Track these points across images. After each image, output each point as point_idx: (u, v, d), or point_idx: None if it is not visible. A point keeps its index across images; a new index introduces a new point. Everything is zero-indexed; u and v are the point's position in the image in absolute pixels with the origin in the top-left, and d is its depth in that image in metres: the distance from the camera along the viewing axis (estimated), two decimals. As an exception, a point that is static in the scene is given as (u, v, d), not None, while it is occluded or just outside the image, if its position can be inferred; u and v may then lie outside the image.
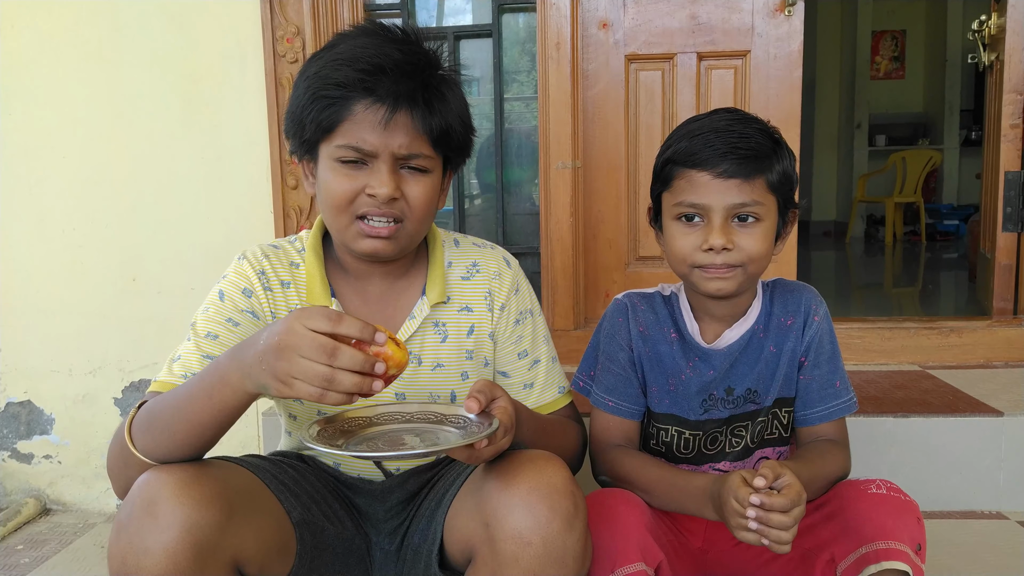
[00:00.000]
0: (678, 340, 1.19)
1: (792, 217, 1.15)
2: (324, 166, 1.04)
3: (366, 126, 1.00)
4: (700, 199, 1.08)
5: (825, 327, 1.18)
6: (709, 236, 1.07)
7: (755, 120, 1.11)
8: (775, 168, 1.08)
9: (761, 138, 1.08)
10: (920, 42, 7.52)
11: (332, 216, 1.06)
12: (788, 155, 1.11)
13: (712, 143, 1.07)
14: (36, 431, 2.16)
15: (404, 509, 1.15)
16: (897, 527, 0.98)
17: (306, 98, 1.01)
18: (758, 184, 1.07)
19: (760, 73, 2.09)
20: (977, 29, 2.33)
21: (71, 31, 2.03)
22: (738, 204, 1.06)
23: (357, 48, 1.01)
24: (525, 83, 2.28)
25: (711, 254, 1.07)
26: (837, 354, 1.19)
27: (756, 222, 1.08)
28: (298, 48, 1.98)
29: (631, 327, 1.20)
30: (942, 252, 5.76)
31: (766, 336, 1.17)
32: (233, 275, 1.11)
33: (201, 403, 0.89)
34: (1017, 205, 2.14)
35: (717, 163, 1.06)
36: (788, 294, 1.19)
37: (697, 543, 1.16)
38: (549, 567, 0.88)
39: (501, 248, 1.23)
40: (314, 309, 0.84)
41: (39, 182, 2.08)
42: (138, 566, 0.83)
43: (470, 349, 1.16)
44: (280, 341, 0.81)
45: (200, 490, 0.86)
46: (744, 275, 1.10)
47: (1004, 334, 2.11)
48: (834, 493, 1.08)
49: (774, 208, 1.10)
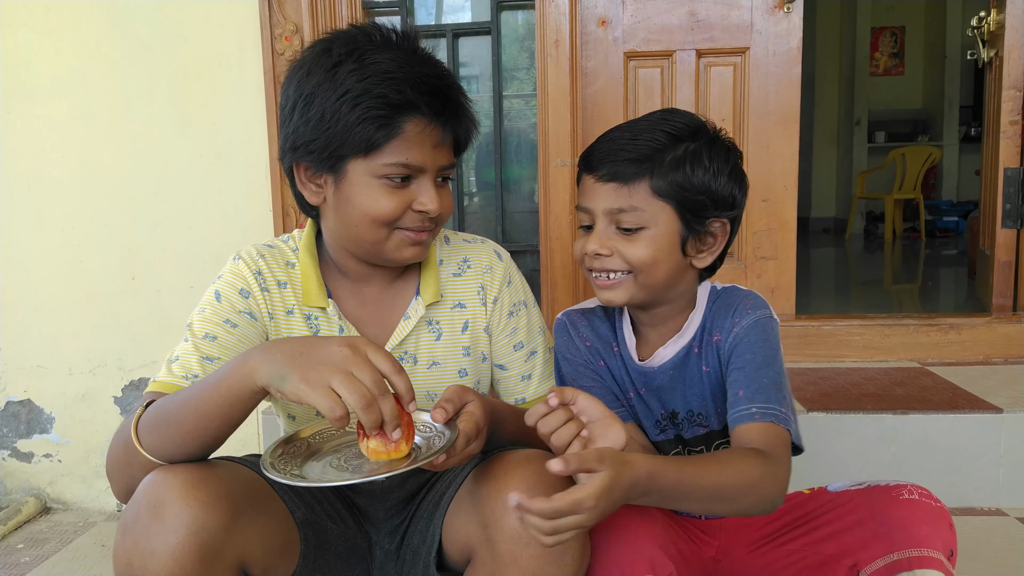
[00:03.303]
0: (619, 355, 1.14)
1: (718, 229, 1.06)
2: (360, 182, 1.00)
3: (417, 144, 1.00)
4: (585, 202, 1.05)
5: (752, 336, 1.04)
6: (588, 243, 1.04)
7: (671, 123, 1.03)
8: (666, 173, 1.00)
9: (659, 140, 1.01)
10: (919, 38, 7.52)
11: (369, 231, 1.03)
12: (708, 159, 1.02)
13: (602, 146, 1.04)
14: (36, 430, 2.16)
15: (404, 509, 1.15)
16: (931, 534, 0.95)
17: (353, 117, 0.96)
18: (639, 189, 1.01)
19: (759, 70, 2.08)
20: (976, 25, 2.32)
21: (69, 30, 2.03)
22: (614, 209, 1.02)
23: (404, 65, 0.98)
24: (524, 81, 2.28)
25: (590, 258, 1.04)
26: (765, 365, 1.02)
27: (641, 230, 1.02)
28: (296, 46, 1.98)
29: (577, 343, 1.16)
30: (941, 249, 5.76)
31: (701, 354, 1.09)
32: (229, 275, 1.10)
33: (209, 392, 0.89)
34: (1016, 201, 2.14)
35: (598, 166, 1.03)
36: (723, 307, 1.08)
37: (710, 552, 1.13)
38: (548, 566, 0.88)
39: (492, 242, 1.23)
40: (381, 348, 0.87)
41: (38, 181, 2.08)
42: (144, 568, 0.83)
43: (466, 345, 1.16)
44: (339, 352, 0.83)
45: (206, 492, 0.86)
46: (635, 285, 1.04)
47: (1003, 331, 2.11)
48: (864, 499, 1.03)
49: (666, 216, 1.02)
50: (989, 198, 2.28)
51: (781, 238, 2.14)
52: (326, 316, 1.10)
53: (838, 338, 2.14)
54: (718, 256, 1.08)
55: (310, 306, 1.10)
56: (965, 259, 4.19)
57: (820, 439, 1.71)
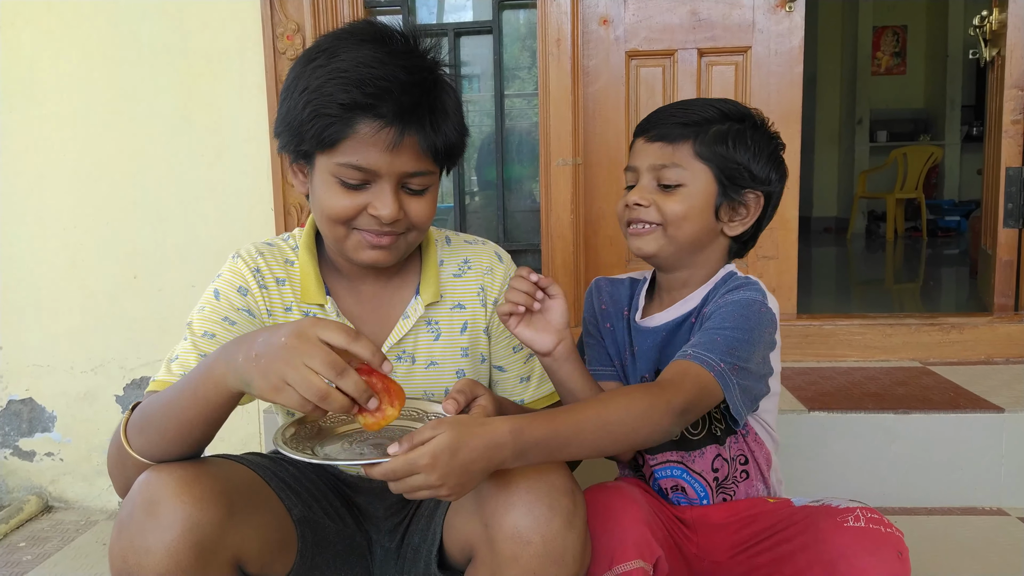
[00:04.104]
0: (626, 318, 1.22)
1: (752, 201, 1.12)
2: (321, 178, 1.00)
3: (371, 147, 0.96)
4: (632, 161, 1.15)
5: (730, 309, 1.06)
6: (630, 195, 1.13)
7: (724, 104, 1.12)
8: (710, 142, 1.09)
9: (708, 113, 1.10)
10: (921, 38, 7.51)
11: (328, 228, 1.03)
12: (751, 140, 1.11)
13: (656, 114, 1.14)
14: (38, 428, 2.16)
15: (404, 507, 1.15)
16: (873, 566, 0.91)
17: (305, 113, 0.96)
18: (682, 148, 1.10)
19: (761, 69, 2.08)
20: (978, 24, 2.32)
21: (71, 29, 2.03)
22: (657, 165, 1.11)
23: (361, 65, 0.95)
24: (526, 80, 2.28)
25: (630, 210, 1.13)
26: (728, 329, 1.03)
27: (679, 187, 1.10)
28: (298, 45, 1.98)
29: (595, 305, 1.25)
30: (943, 248, 5.75)
31: (694, 325, 1.13)
32: (228, 273, 1.10)
33: (187, 399, 0.89)
34: (1018, 201, 2.14)
35: (650, 129, 1.13)
36: (724, 289, 1.11)
37: (693, 549, 1.14)
38: (549, 566, 0.88)
39: (493, 244, 1.23)
40: (330, 322, 0.83)
41: (39, 180, 2.08)
42: (139, 565, 0.83)
43: (464, 346, 1.16)
44: (287, 344, 0.81)
45: (201, 489, 0.86)
46: (664, 238, 1.11)
47: (1005, 330, 2.11)
48: (809, 522, 1.01)
49: (704, 177, 1.10)
50: (991, 197, 2.28)
51: (782, 237, 2.14)
52: (324, 313, 1.10)
53: (839, 337, 2.13)
54: (749, 229, 1.14)
55: (308, 303, 1.10)
56: (967, 259, 4.19)
57: (821, 438, 1.71)
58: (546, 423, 0.86)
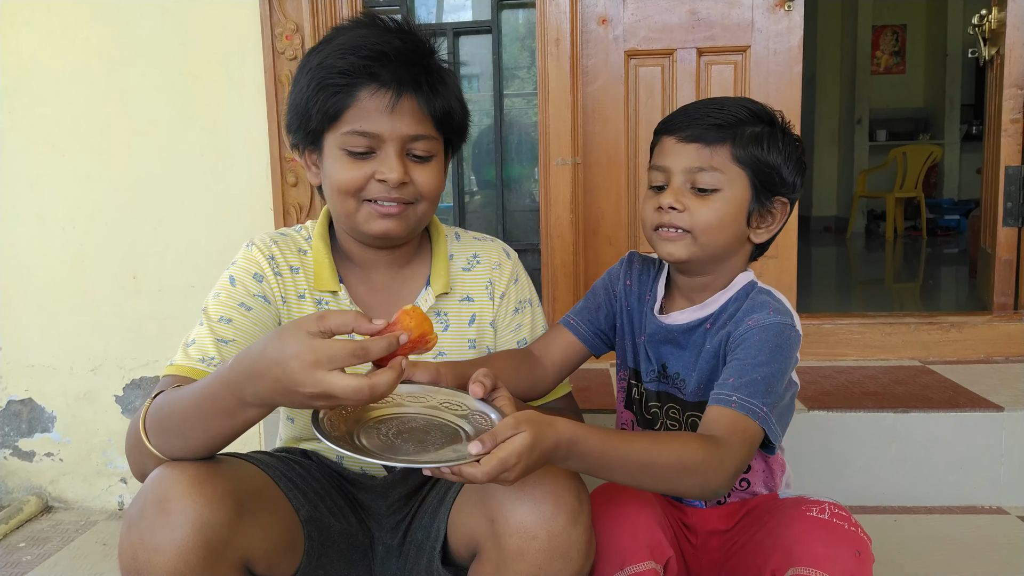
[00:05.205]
0: (648, 303, 1.20)
1: (779, 208, 1.10)
2: (331, 155, 1.06)
3: (372, 111, 1.03)
4: (662, 161, 1.09)
5: (762, 335, 1.04)
6: (663, 197, 1.07)
7: (752, 105, 1.08)
8: (746, 144, 1.05)
9: (742, 114, 1.06)
10: (920, 37, 7.51)
11: (340, 202, 1.07)
12: (782, 143, 1.07)
13: (686, 112, 1.09)
14: (37, 429, 2.16)
15: (406, 504, 1.16)
16: (827, 556, 0.92)
17: (311, 89, 1.03)
18: (720, 152, 1.05)
19: (760, 68, 2.08)
20: (977, 24, 2.32)
21: (70, 29, 2.03)
22: (694, 168, 1.05)
23: (358, 38, 1.03)
24: (525, 79, 2.28)
25: (661, 213, 1.07)
26: (764, 364, 1.02)
27: (715, 192, 1.05)
28: (297, 45, 1.98)
29: (622, 277, 1.23)
30: (943, 247, 5.76)
31: (710, 331, 1.11)
32: (243, 260, 1.12)
33: (214, 416, 0.87)
34: (1018, 200, 2.14)
35: (683, 128, 1.07)
36: (752, 305, 1.09)
37: (690, 549, 1.15)
38: (554, 561, 0.89)
39: (500, 241, 1.28)
40: (329, 313, 0.80)
41: (39, 180, 2.08)
42: (149, 563, 0.83)
43: (472, 338, 1.18)
44: (298, 373, 0.77)
45: (212, 488, 0.87)
46: (694, 244, 1.06)
47: (1005, 329, 2.11)
48: (777, 508, 1.04)
49: (741, 183, 1.06)
50: (990, 196, 2.28)
51: (782, 237, 2.11)
52: (337, 301, 1.13)
53: (839, 336, 2.14)
54: (771, 236, 1.13)
55: (321, 291, 1.13)
56: (966, 258, 4.19)
57: (821, 437, 1.71)
58: (600, 443, 0.87)
